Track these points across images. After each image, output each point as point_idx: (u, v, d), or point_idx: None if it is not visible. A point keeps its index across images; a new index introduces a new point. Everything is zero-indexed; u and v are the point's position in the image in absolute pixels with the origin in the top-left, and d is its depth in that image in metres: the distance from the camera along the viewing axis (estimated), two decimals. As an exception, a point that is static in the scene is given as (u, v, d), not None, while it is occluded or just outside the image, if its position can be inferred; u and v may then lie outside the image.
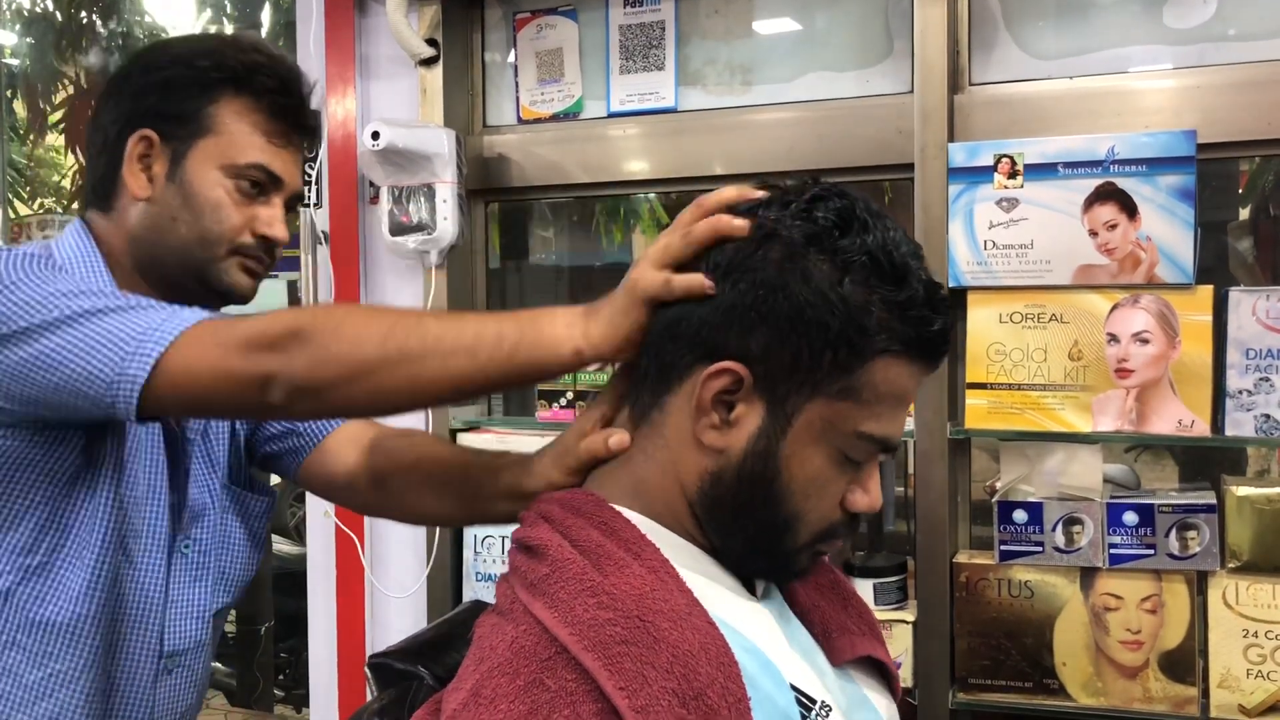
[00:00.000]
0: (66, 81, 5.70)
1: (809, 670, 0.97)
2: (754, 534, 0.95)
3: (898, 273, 0.90)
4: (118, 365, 1.05)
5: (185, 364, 1.06)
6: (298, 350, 1.03)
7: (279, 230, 1.32)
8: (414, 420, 2.20)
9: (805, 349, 0.89)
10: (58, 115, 5.69)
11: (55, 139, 6.21)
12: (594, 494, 0.97)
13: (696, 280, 0.92)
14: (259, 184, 1.29)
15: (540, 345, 1.00)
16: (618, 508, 0.95)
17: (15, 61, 5.68)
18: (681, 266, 0.95)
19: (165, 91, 1.27)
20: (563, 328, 1.00)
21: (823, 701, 0.94)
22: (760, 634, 0.95)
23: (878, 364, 0.90)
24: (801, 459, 0.92)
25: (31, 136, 6.08)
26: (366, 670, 1.13)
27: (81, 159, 5.69)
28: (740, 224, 0.93)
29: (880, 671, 1.07)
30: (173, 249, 1.28)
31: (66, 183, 6.53)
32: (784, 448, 0.92)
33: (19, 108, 5.85)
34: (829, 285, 0.89)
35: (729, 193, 0.96)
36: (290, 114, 1.31)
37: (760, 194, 0.95)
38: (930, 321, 0.92)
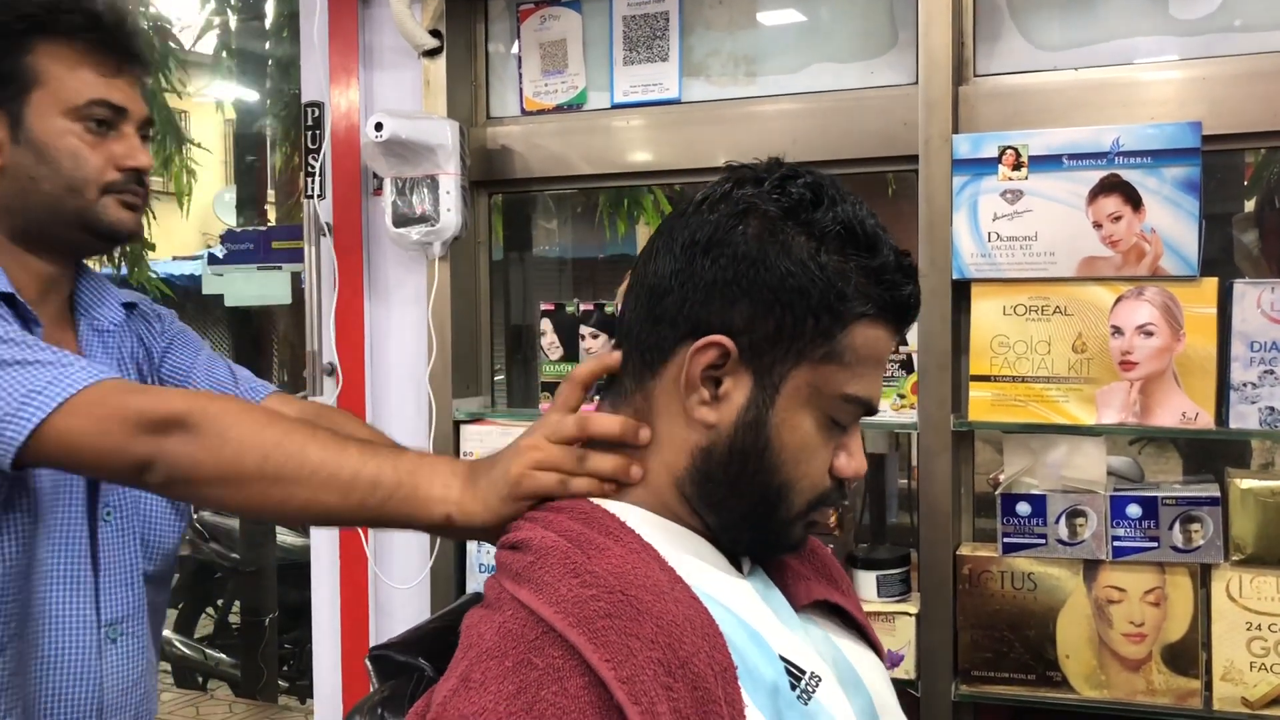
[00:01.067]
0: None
1: (798, 642, 0.98)
2: (748, 507, 0.97)
3: (870, 241, 0.95)
4: None
5: (66, 432, 1.07)
6: (180, 440, 1.04)
7: (141, 158, 1.33)
8: (418, 410, 2.21)
9: (788, 317, 0.93)
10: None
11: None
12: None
13: (597, 485, 0.98)
14: (104, 120, 1.29)
15: (413, 501, 1.02)
16: (596, 501, 0.97)
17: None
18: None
19: None
20: (439, 488, 1.02)
21: (812, 672, 0.95)
22: (746, 607, 0.96)
23: (856, 328, 0.94)
24: (791, 426, 0.95)
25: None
26: (367, 662, 1.13)
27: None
28: (611, 423, 0.98)
29: (848, 621, 1.08)
30: (44, 207, 1.28)
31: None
32: (773, 416, 0.94)
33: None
34: (808, 255, 0.93)
35: (588, 367, 1.04)
36: (111, 45, 1.31)
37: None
38: (902, 285, 0.96)
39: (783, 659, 0.94)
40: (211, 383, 1.51)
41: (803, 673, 0.94)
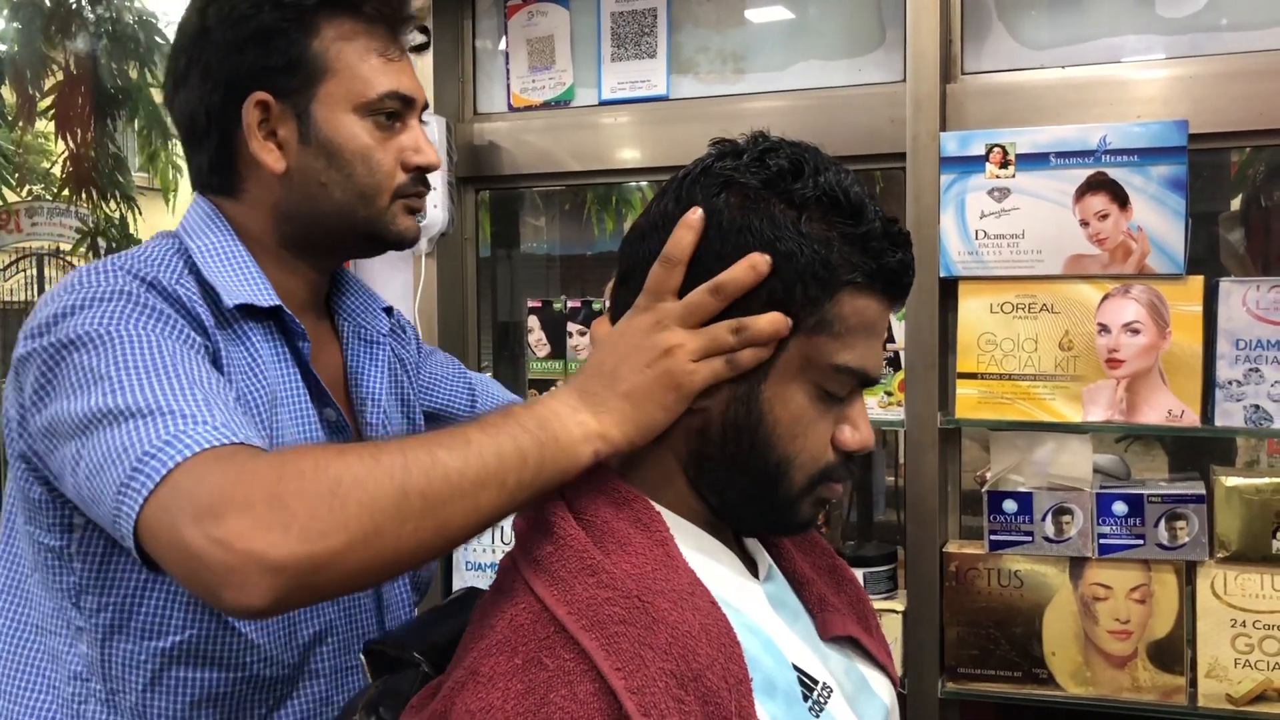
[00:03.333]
0: (55, 67, 5.67)
1: (810, 653, 0.97)
2: (749, 485, 0.95)
3: (854, 208, 0.92)
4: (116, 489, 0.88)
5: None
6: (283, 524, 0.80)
7: (431, 155, 1.17)
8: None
9: (777, 286, 0.91)
10: (47, 101, 5.65)
11: (44, 125, 6.17)
12: (606, 467, 0.95)
13: (763, 353, 0.91)
14: (394, 113, 1.14)
15: (562, 454, 0.89)
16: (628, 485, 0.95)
17: (3, 47, 5.65)
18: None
19: (263, 40, 1.10)
20: (575, 427, 0.89)
21: (824, 683, 0.94)
22: (762, 615, 0.95)
23: (845, 296, 0.92)
24: (783, 399, 0.93)
25: (20, 123, 6.04)
26: (361, 657, 1.13)
27: (71, 145, 5.66)
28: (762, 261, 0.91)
29: (872, 658, 1.08)
30: (330, 214, 1.14)
31: (56, 169, 6.50)
32: (765, 390, 0.92)
33: (7, 93, 5.82)
34: (790, 224, 0.91)
35: (692, 222, 0.93)
36: (394, 18, 1.15)
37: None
38: (890, 253, 0.93)
39: (795, 668, 0.93)
40: (456, 396, 1.42)
41: (815, 683, 0.93)
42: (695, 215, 0.91)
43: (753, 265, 0.90)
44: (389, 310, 1.33)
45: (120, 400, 0.91)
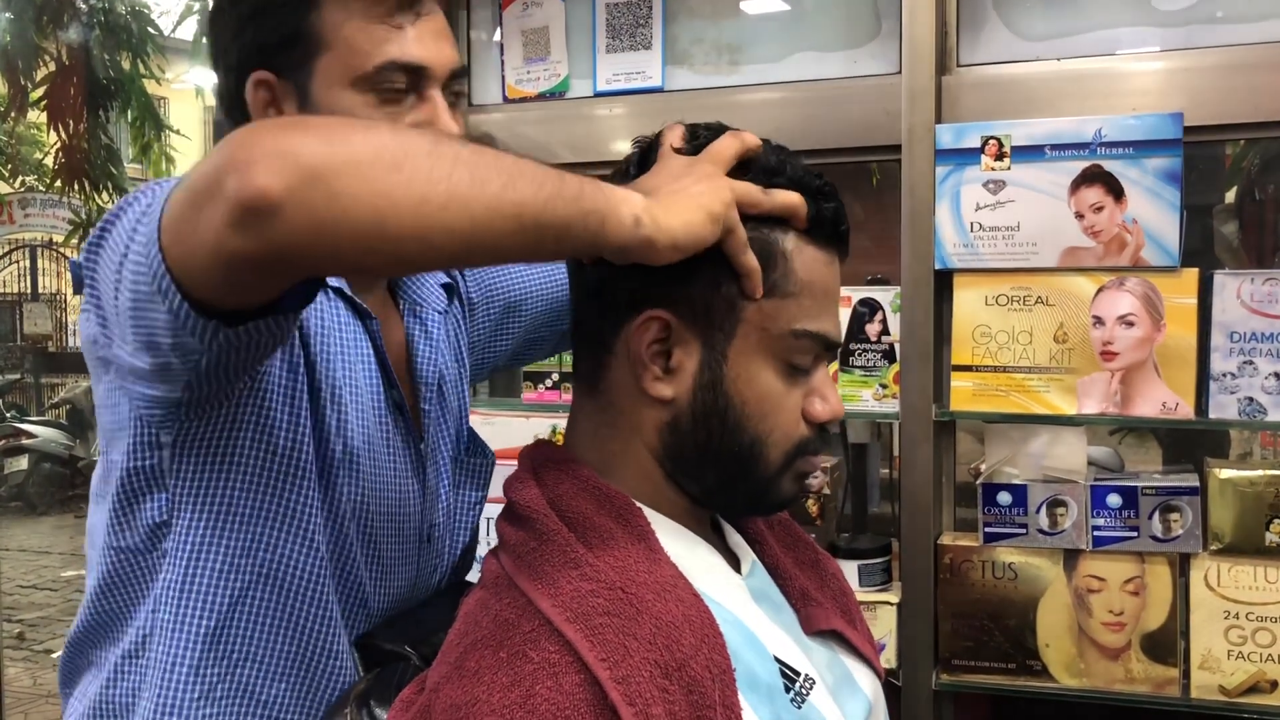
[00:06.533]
0: (48, 58, 5.64)
1: (793, 645, 0.97)
2: (724, 470, 0.95)
3: (774, 167, 0.95)
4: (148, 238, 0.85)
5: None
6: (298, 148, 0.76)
7: (450, 126, 1.09)
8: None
9: (715, 260, 0.91)
10: (39, 92, 5.63)
11: (37, 116, 6.15)
12: (585, 465, 0.97)
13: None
14: (399, 88, 1.07)
15: (602, 199, 0.84)
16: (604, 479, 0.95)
17: (-4, 37, 5.63)
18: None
19: (262, 16, 1.08)
20: (621, 193, 0.86)
21: (806, 675, 0.95)
22: (743, 608, 0.95)
23: (791, 251, 0.93)
24: (748, 378, 0.93)
25: (12, 114, 6.02)
26: (353, 650, 1.13)
27: (63, 136, 5.64)
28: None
29: (857, 651, 1.08)
30: None
31: (49, 160, 6.47)
32: (728, 372, 0.92)
33: (-1, 84, 5.80)
34: None
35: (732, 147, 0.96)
36: None
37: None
38: (822, 199, 0.94)
39: (777, 660, 0.93)
40: (529, 284, 1.42)
41: (797, 675, 0.94)
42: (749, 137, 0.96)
43: (795, 203, 0.92)
44: (448, 287, 1.31)
45: None
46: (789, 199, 0.93)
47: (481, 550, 1.20)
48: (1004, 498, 1.79)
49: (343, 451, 1.12)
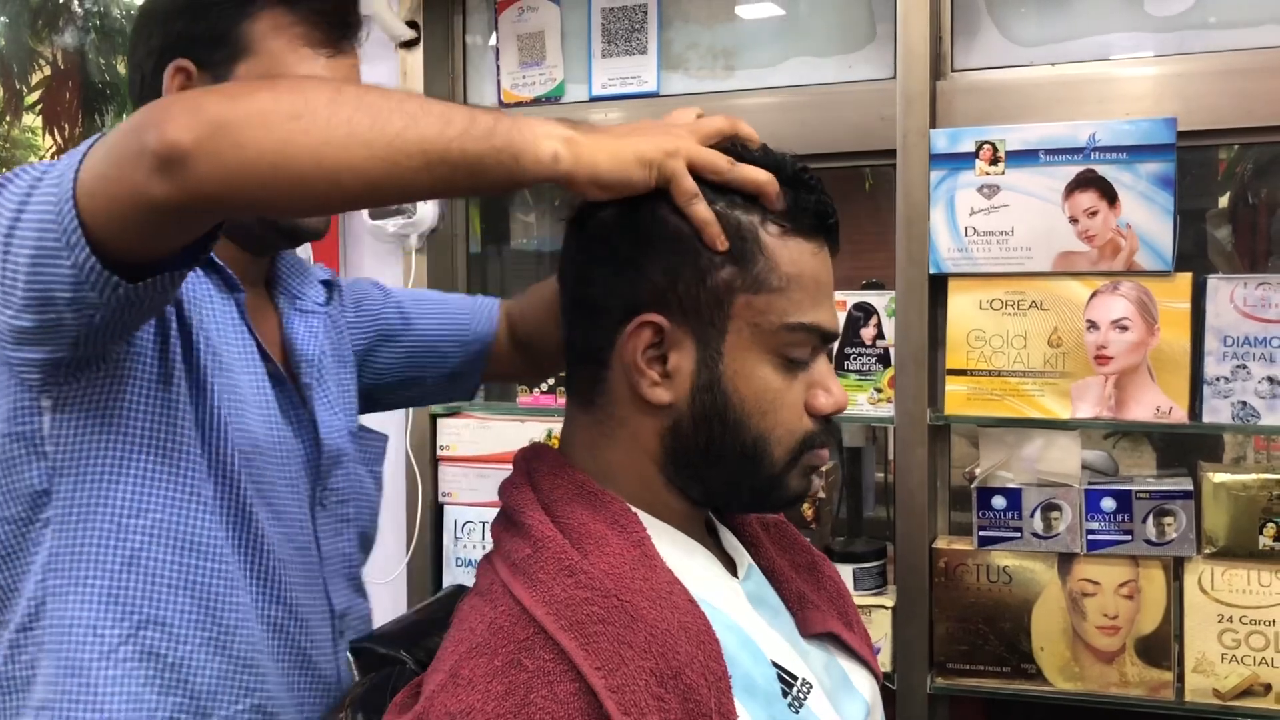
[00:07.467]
0: (42, 61, 5.65)
1: (790, 649, 0.97)
2: (729, 470, 0.94)
3: (754, 152, 0.94)
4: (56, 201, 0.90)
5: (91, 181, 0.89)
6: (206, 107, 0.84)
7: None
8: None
9: (701, 256, 0.91)
10: (34, 96, 5.63)
11: (32, 120, 6.15)
12: (580, 470, 0.96)
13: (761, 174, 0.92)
14: None
15: (517, 134, 0.87)
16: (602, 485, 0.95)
17: (-9, 41, 5.63)
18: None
19: (196, 11, 1.14)
20: (543, 126, 0.89)
21: (803, 679, 0.94)
22: (741, 613, 0.95)
23: (773, 243, 0.92)
24: (745, 375, 0.92)
25: (8, 118, 6.02)
26: (348, 655, 1.13)
27: (59, 139, 5.64)
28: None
29: (854, 653, 1.08)
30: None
31: (43, 164, 6.46)
32: (725, 370, 0.91)
33: (-6, 88, 5.80)
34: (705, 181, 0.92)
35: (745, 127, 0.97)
36: (335, 17, 1.17)
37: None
38: (803, 190, 0.93)
39: (774, 665, 0.93)
40: (418, 308, 1.45)
41: (794, 679, 0.93)
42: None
43: (763, 179, 0.91)
44: (328, 283, 1.36)
45: None
46: (756, 174, 0.91)
47: (479, 554, 1.20)
48: (998, 501, 1.79)
49: (226, 405, 1.12)
